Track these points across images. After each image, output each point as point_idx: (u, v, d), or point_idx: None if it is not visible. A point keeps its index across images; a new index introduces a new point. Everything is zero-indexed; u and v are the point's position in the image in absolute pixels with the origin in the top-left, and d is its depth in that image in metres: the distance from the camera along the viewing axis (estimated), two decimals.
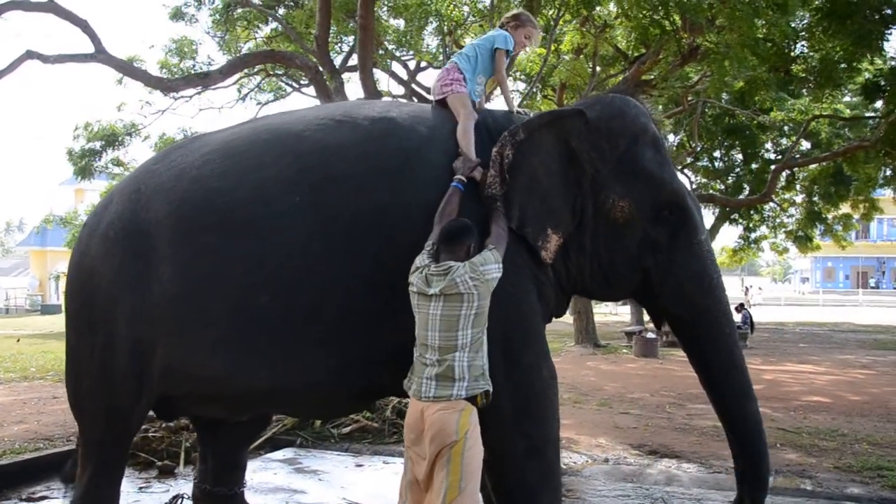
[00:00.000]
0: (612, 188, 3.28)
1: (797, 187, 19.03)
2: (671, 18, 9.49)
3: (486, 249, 2.91)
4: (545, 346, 3.23)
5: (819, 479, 5.30)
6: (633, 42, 11.47)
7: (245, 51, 13.63)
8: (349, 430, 6.60)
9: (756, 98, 13.53)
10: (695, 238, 3.39)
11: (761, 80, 11.39)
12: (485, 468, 2.97)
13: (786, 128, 16.53)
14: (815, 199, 18.52)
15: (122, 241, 3.28)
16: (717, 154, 18.98)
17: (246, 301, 3.10)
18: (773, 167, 16.18)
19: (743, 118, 15.86)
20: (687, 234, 3.38)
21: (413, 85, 13.90)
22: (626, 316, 23.52)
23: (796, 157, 16.40)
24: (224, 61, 12.33)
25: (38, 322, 25.48)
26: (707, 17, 9.01)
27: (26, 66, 8.83)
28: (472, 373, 2.81)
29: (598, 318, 18.32)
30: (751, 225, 20.51)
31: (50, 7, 8.77)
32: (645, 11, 9.44)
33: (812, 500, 4.95)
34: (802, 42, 11.12)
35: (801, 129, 14.99)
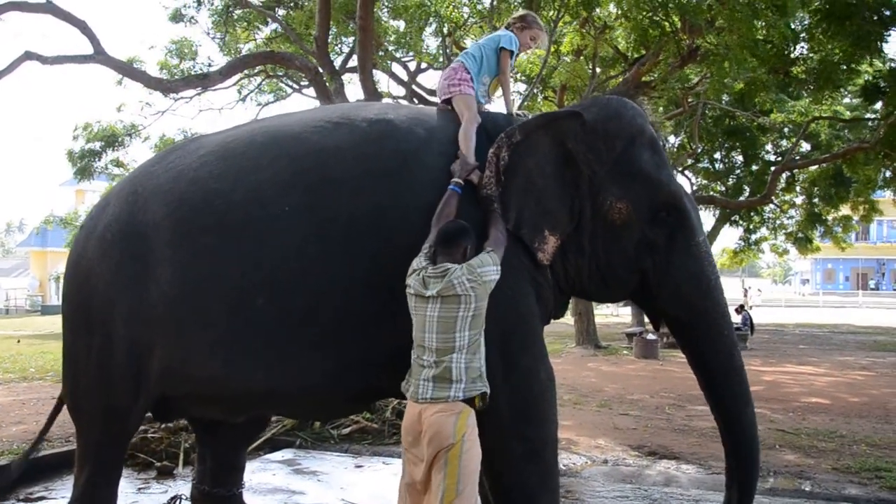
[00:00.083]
0: (609, 190, 3.28)
1: (797, 189, 19.06)
2: (671, 20, 9.50)
3: (484, 252, 2.91)
4: (543, 349, 3.23)
5: (817, 480, 5.30)
6: (633, 43, 11.46)
7: (245, 52, 13.62)
8: (349, 431, 6.60)
9: (756, 100, 13.53)
10: (692, 239, 3.38)
11: (761, 81, 11.39)
12: (483, 470, 2.97)
13: (786, 129, 16.57)
14: (815, 200, 18.54)
15: (119, 243, 3.29)
16: (717, 156, 19.03)
17: (243, 303, 3.10)
18: (773, 169, 16.22)
19: (743, 120, 15.88)
20: (684, 235, 3.37)
21: (413, 86, 13.91)
22: (627, 317, 23.51)
23: (796, 158, 16.42)
24: (224, 62, 12.33)
25: (38, 322, 25.48)
26: (706, 18, 9.02)
27: (25, 66, 8.85)
28: (470, 375, 2.81)
29: (599, 320, 18.32)
30: (751, 226, 20.55)
31: (48, 8, 8.77)
32: (644, 13, 9.44)
33: (810, 501, 4.95)
34: (802, 43, 11.12)
35: (801, 131, 15.02)
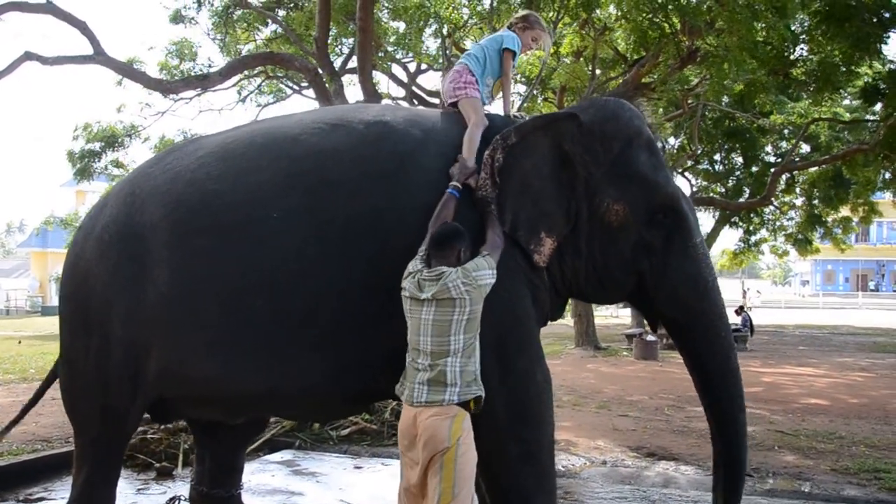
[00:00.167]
0: (606, 191, 3.27)
1: (797, 190, 19.03)
2: (670, 21, 9.51)
3: (480, 256, 2.91)
4: (539, 351, 3.23)
5: (816, 481, 5.30)
6: (633, 45, 11.46)
7: (245, 53, 13.62)
8: (348, 432, 6.61)
9: (755, 101, 13.53)
10: (690, 241, 3.37)
11: (760, 83, 11.40)
12: (480, 472, 2.97)
13: (785, 131, 16.56)
14: (814, 202, 18.51)
15: (116, 244, 3.29)
16: (717, 157, 19.00)
17: (241, 304, 3.10)
18: (772, 170, 16.21)
19: (743, 121, 15.88)
20: (682, 237, 3.36)
21: (413, 87, 13.92)
22: (626, 319, 23.50)
23: (796, 160, 16.42)
24: (224, 63, 12.32)
25: (39, 323, 25.47)
26: (706, 19, 9.03)
27: (25, 66, 8.84)
28: (465, 378, 2.82)
29: (598, 321, 18.32)
30: (751, 228, 20.52)
31: (49, 8, 8.76)
32: (644, 14, 9.45)
33: (809, 502, 4.96)
34: (801, 45, 11.12)
35: (801, 133, 15.03)
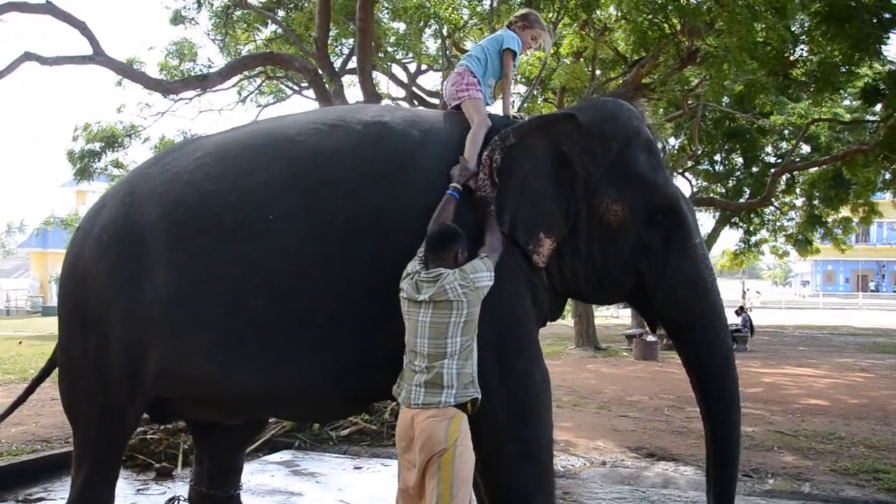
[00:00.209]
0: (605, 192, 3.27)
1: (797, 191, 19.04)
2: (670, 22, 9.51)
3: (479, 258, 2.90)
4: (539, 351, 3.23)
5: (816, 482, 5.31)
6: (633, 45, 11.47)
7: (245, 53, 13.62)
8: (347, 432, 6.61)
9: (755, 101, 13.56)
10: (689, 241, 3.37)
11: (760, 83, 11.41)
12: (479, 472, 2.97)
13: (785, 131, 16.57)
14: (814, 202, 18.51)
15: (115, 245, 3.28)
16: (717, 157, 19.00)
17: (240, 304, 3.10)
18: (772, 171, 16.21)
19: (743, 122, 15.88)
20: (681, 237, 3.36)
21: (413, 88, 13.92)
22: (626, 319, 23.51)
23: (796, 160, 16.43)
24: (224, 64, 12.33)
25: (39, 323, 25.47)
26: (706, 20, 9.04)
27: (25, 66, 8.83)
28: (461, 380, 2.81)
29: (598, 322, 18.33)
30: (751, 228, 20.52)
31: (48, 8, 8.76)
32: (644, 15, 9.46)
33: (808, 503, 4.96)
34: (801, 46, 11.12)
35: (801, 133, 15.02)
